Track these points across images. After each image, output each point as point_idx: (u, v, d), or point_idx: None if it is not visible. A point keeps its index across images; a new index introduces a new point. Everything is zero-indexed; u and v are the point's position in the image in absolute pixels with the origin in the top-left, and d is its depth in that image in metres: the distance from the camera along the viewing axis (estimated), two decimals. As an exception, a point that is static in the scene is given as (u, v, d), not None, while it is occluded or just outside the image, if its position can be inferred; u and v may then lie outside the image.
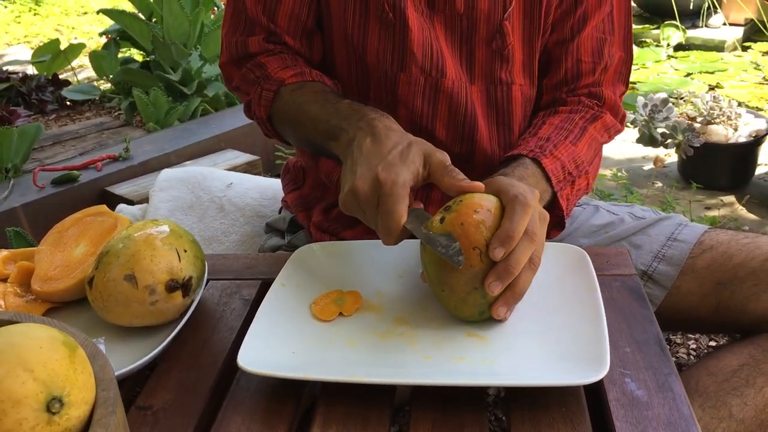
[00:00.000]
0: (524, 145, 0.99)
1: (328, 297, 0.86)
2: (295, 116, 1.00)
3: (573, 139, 1.01)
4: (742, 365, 0.95)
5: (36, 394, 0.51)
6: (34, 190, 2.07)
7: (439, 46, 1.01)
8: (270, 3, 1.04)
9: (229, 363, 0.79)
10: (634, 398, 0.70)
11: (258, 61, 1.05)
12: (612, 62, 1.07)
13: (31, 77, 3.27)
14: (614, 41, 1.07)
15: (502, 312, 0.77)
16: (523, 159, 0.96)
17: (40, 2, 5.34)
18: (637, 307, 0.83)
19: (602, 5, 1.05)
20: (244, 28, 1.06)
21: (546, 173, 0.95)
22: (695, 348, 1.52)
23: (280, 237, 1.23)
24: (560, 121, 1.03)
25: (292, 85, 1.01)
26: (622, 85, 1.10)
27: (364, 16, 1.00)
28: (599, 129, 1.05)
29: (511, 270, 0.75)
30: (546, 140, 0.99)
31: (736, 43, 3.87)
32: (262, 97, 1.02)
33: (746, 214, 2.35)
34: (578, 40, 1.05)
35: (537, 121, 1.06)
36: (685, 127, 2.39)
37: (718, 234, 1.06)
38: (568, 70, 1.06)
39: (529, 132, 1.03)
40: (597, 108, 1.06)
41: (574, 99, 1.06)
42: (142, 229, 0.85)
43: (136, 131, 2.80)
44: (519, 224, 0.75)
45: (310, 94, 0.99)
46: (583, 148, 1.01)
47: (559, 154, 0.98)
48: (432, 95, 1.02)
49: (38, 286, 0.89)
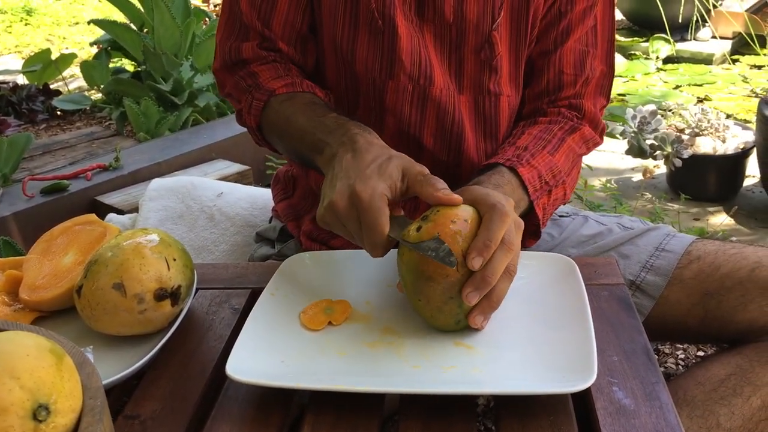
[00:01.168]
0: (502, 153, 1.00)
1: (318, 306, 0.86)
2: (284, 127, 1.00)
3: (551, 149, 1.01)
4: (729, 375, 0.96)
5: (22, 401, 0.51)
6: (23, 200, 2.07)
7: (427, 54, 1.01)
8: (265, 9, 1.04)
9: (217, 372, 0.79)
10: (622, 407, 0.70)
11: (250, 69, 1.05)
12: (594, 75, 1.07)
13: (22, 87, 3.26)
14: (597, 54, 1.08)
15: (479, 321, 0.78)
16: (499, 167, 0.97)
17: (31, 12, 5.34)
18: (625, 317, 0.84)
19: (586, 18, 1.06)
20: (239, 33, 1.07)
21: (523, 182, 0.96)
22: (684, 358, 1.52)
23: (270, 246, 1.23)
24: (539, 131, 1.04)
25: (282, 96, 1.01)
26: (603, 98, 1.11)
27: (354, 24, 1.01)
28: (577, 140, 1.06)
29: (489, 279, 0.75)
30: (524, 149, 1.00)
31: (724, 56, 3.91)
32: (253, 107, 1.03)
33: (734, 225, 2.37)
34: (561, 52, 1.06)
35: (516, 131, 1.06)
36: (674, 139, 2.41)
37: (705, 244, 1.07)
38: (549, 80, 1.07)
39: (508, 141, 1.04)
40: (576, 120, 1.07)
41: (554, 110, 1.07)
42: (131, 237, 0.85)
43: (126, 141, 2.79)
44: (496, 234, 0.75)
45: (299, 105, 1.00)
46: (561, 158, 1.02)
47: (537, 164, 0.98)
48: (420, 103, 1.03)
49: (26, 294, 0.89)
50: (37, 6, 5.48)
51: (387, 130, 1.04)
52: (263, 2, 1.04)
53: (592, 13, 1.06)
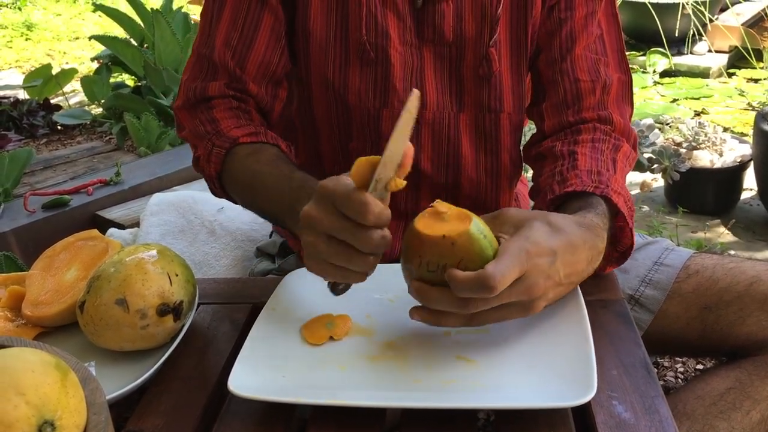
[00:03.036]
0: (575, 180, 0.93)
1: (319, 321, 0.86)
2: (250, 182, 0.97)
3: (612, 170, 0.97)
4: (729, 389, 0.96)
5: (28, 417, 0.52)
6: (24, 215, 2.07)
7: (421, 77, 1.02)
8: (241, 48, 1.02)
9: (219, 387, 0.80)
10: (621, 421, 0.70)
11: (212, 115, 1.02)
12: (611, 82, 1.05)
13: (23, 102, 3.28)
14: (609, 63, 1.06)
15: (414, 316, 0.75)
16: (591, 197, 0.90)
17: (32, 27, 5.37)
18: (624, 331, 0.84)
19: (588, 25, 1.05)
20: (207, 73, 1.04)
21: (620, 210, 0.90)
22: (683, 371, 1.53)
23: (271, 261, 1.23)
24: (590, 151, 0.99)
25: (245, 147, 0.98)
26: (627, 106, 1.08)
27: (345, 57, 1.02)
28: (623, 159, 1.02)
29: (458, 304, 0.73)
30: (597, 174, 0.94)
31: (721, 70, 3.93)
32: (213, 154, 0.99)
33: (732, 238, 2.38)
34: (570, 59, 1.04)
35: (561, 150, 1.00)
36: (671, 153, 2.42)
37: (703, 258, 1.07)
38: (567, 90, 1.04)
39: (564, 165, 0.98)
40: (612, 135, 1.03)
41: (589, 126, 1.03)
42: (133, 253, 0.85)
43: (127, 156, 2.80)
44: (503, 272, 0.71)
45: (265, 162, 0.96)
46: (621, 178, 0.98)
47: (617, 188, 0.93)
48: (414, 128, 1.03)
49: (29, 310, 0.89)
50: (37, 21, 5.51)
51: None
52: (239, 42, 1.02)
53: (594, 21, 1.05)
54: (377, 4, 1.00)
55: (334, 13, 1.01)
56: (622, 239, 0.93)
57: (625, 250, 0.94)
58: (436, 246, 0.73)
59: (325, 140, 1.09)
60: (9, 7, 5.79)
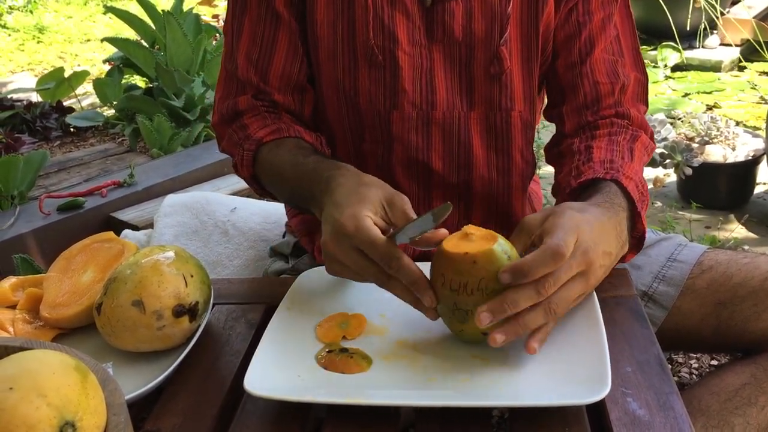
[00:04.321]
0: (589, 169, 0.96)
1: (333, 320, 0.87)
2: (276, 176, 1.03)
3: (628, 158, 0.99)
4: (744, 384, 0.96)
5: (49, 419, 0.53)
6: (39, 217, 2.09)
7: (430, 78, 1.03)
8: (262, 63, 1.06)
9: (235, 387, 0.80)
10: (636, 417, 0.70)
11: (242, 122, 1.07)
12: (629, 82, 1.07)
13: (36, 105, 3.30)
14: (625, 63, 1.07)
15: (498, 339, 0.75)
16: (601, 183, 0.93)
17: (43, 30, 5.41)
18: (637, 328, 0.85)
19: (606, 28, 1.06)
20: (236, 90, 1.09)
21: (629, 194, 0.93)
22: (697, 367, 1.52)
23: (285, 261, 1.24)
24: (607, 144, 1.01)
25: (269, 145, 1.03)
26: (642, 105, 1.10)
27: (353, 61, 1.03)
28: (641, 148, 1.03)
29: (505, 308, 0.74)
30: (610, 162, 0.96)
31: (733, 63, 3.91)
32: (244, 158, 1.04)
33: (746, 233, 2.37)
34: (590, 63, 1.06)
35: (578, 147, 1.03)
36: (684, 148, 2.41)
37: (717, 254, 1.07)
38: (587, 93, 1.06)
39: (580, 159, 1.00)
40: (630, 127, 1.05)
41: (606, 122, 1.05)
42: (149, 255, 0.86)
43: (140, 157, 2.82)
44: (535, 267, 0.74)
45: (284, 153, 1.01)
46: (638, 166, 1.00)
47: (630, 174, 0.95)
48: (424, 128, 1.04)
49: (47, 312, 0.90)
50: (49, 24, 5.55)
51: (396, 159, 1.06)
52: (260, 57, 1.06)
53: (611, 23, 1.06)
54: (384, 7, 1.01)
55: (340, 17, 1.02)
56: (636, 224, 0.94)
57: (640, 236, 0.95)
58: (458, 264, 0.75)
59: (339, 142, 1.10)
60: (20, 10, 5.84)
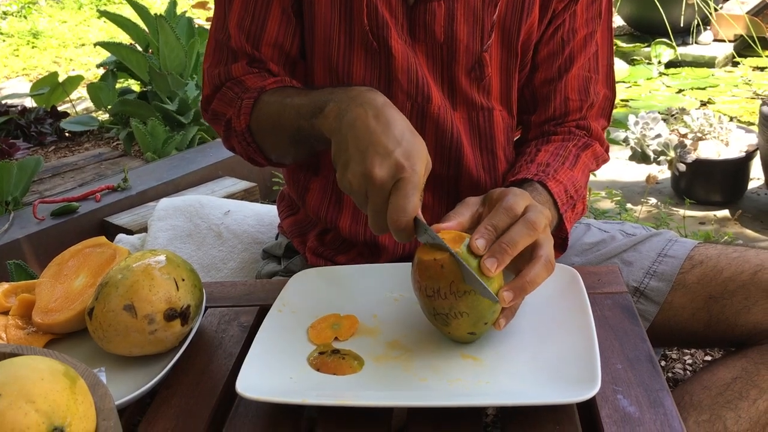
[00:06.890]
0: (524, 170, 1.01)
1: (325, 321, 0.87)
2: (277, 110, 0.97)
3: (569, 164, 1.03)
4: (735, 378, 0.96)
5: (38, 424, 0.53)
6: (34, 222, 2.09)
7: (423, 72, 1.03)
8: (254, 31, 1.04)
9: (228, 389, 0.81)
10: (626, 414, 0.71)
11: (237, 79, 1.05)
12: (597, 99, 1.10)
13: (30, 110, 3.31)
14: (599, 79, 1.10)
15: (507, 297, 0.76)
16: (530, 182, 0.98)
17: (38, 35, 5.41)
18: (628, 325, 0.85)
19: (587, 45, 1.08)
20: (228, 58, 1.07)
21: (552, 196, 0.97)
22: (691, 363, 1.53)
23: (277, 263, 1.24)
24: (555, 148, 1.05)
25: (271, 90, 1.00)
26: (604, 120, 1.14)
27: (349, 45, 1.02)
28: (590, 156, 1.08)
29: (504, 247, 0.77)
30: (546, 165, 1.01)
31: (726, 59, 3.91)
32: (242, 107, 1.01)
33: (740, 228, 2.37)
34: (566, 79, 1.08)
35: (530, 149, 1.07)
36: (677, 144, 2.41)
37: (707, 248, 1.07)
38: (556, 107, 1.09)
39: (524, 159, 1.05)
40: (587, 137, 1.10)
41: (564, 129, 1.09)
42: (140, 259, 0.86)
43: (134, 161, 2.82)
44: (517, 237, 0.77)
45: (292, 89, 1.00)
46: (579, 173, 1.04)
47: (561, 178, 1.00)
48: (419, 121, 1.04)
49: (39, 318, 0.91)
50: (43, 29, 5.55)
51: None
52: (252, 25, 1.04)
53: (593, 40, 1.08)
54: None
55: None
56: (561, 225, 0.98)
57: (564, 237, 1.00)
58: (429, 270, 0.76)
59: None
60: (15, 15, 5.84)
